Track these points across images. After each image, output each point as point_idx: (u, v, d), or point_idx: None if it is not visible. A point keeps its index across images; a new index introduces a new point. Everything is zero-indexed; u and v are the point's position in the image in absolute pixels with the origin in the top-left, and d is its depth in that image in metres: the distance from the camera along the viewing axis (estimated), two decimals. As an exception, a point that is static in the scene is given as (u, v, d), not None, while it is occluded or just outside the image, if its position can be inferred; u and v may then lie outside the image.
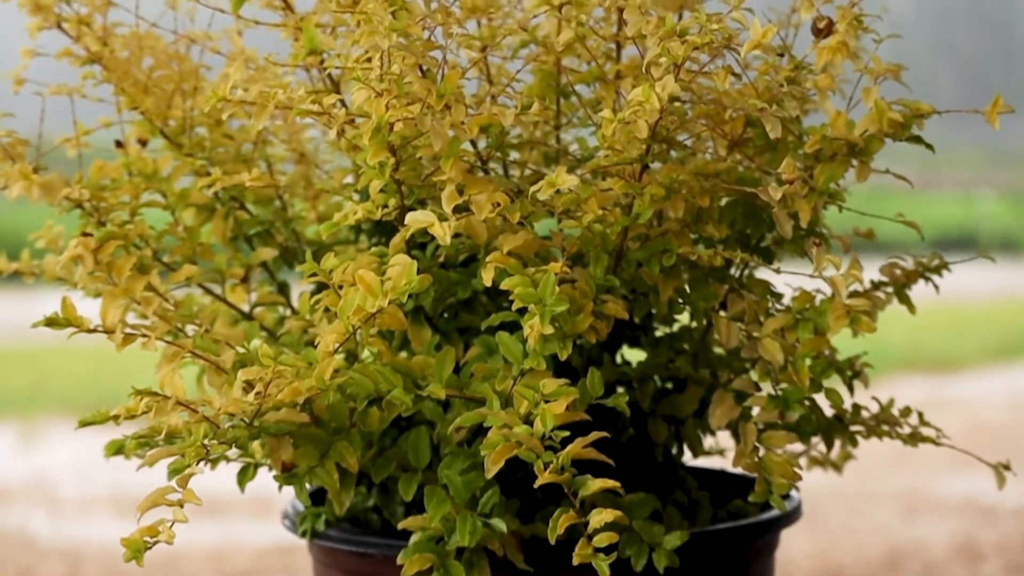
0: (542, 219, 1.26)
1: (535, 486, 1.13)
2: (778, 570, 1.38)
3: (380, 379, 1.21)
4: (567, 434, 1.14)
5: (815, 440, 1.41)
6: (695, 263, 1.28)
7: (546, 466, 1.13)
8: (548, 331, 1.16)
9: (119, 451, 1.26)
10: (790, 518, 1.32)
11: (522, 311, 1.18)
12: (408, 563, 1.20)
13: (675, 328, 1.38)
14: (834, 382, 1.32)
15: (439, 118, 1.19)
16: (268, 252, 1.40)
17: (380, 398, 1.22)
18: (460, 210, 1.21)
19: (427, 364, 1.24)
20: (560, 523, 1.14)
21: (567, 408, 1.16)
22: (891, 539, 2.67)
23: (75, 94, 1.37)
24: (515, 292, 1.17)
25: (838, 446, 1.40)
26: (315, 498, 1.36)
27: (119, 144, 1.39)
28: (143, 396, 1.16)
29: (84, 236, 1.27)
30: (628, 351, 1.39)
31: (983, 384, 4.34)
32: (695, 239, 1.30)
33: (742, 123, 1.28)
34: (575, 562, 1.13)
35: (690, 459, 1.41)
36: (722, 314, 1.30)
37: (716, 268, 1.29)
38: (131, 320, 1.30)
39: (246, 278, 1.39)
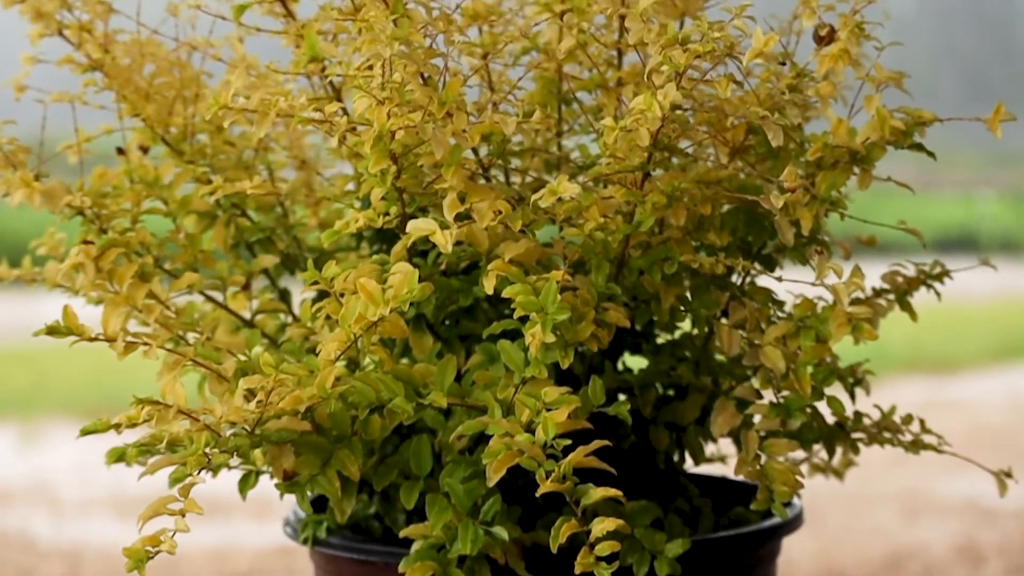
0: (543, 226, 1.26)
1: (537, 495, 1.13)
2: (779, 571, 1.38)
3: (382, 387, 1.21)
4: (569, 442, 1.14)
5: (817, 447, 1.41)
6: (697, 271, 1.28)
7: (548, 475, 1.13)
8: (550, 339, 1.16)
9: (120, 458, 1.26)
10: (792, 526, 1.32)
11: (524, 319, 1.18)
12: (410, 571, 1.20)
13: (677, 335, 1.37)
14: (836, 390, 1.32)
15: (441, 126, 1.19)
16: (269, 259, 1.39)
17: (382, 406, 1.22)
18: (462, 218, 1.21)
19: (429, 372, 1.24)
20: (562, 532, 1.14)
21: (569, 416, 1.16)
22: (892, 540, 2.67)
23: (76, 101, 1.37)
24: (517, 300, 1.17)
25: (840, 453, 1.40)
26: (316, 505, 1.36)
27: (120, 151, 1.39)
28: (144, 405, 1.16)
29: (85, 244, 1.27)
30: (629, 358, 1.39)
31: (983, 385, 4.34)
32: (697, 247, 1.30)
33: (744, 130, 1.28)
34: (577, 571, 1.13)
35: (691, 466, 1.41)
36: (724, 321, 1.30)
37: (718, 276, 1.29)
38: (132, 327, 1.30)
39: (247, 285, 1.39)
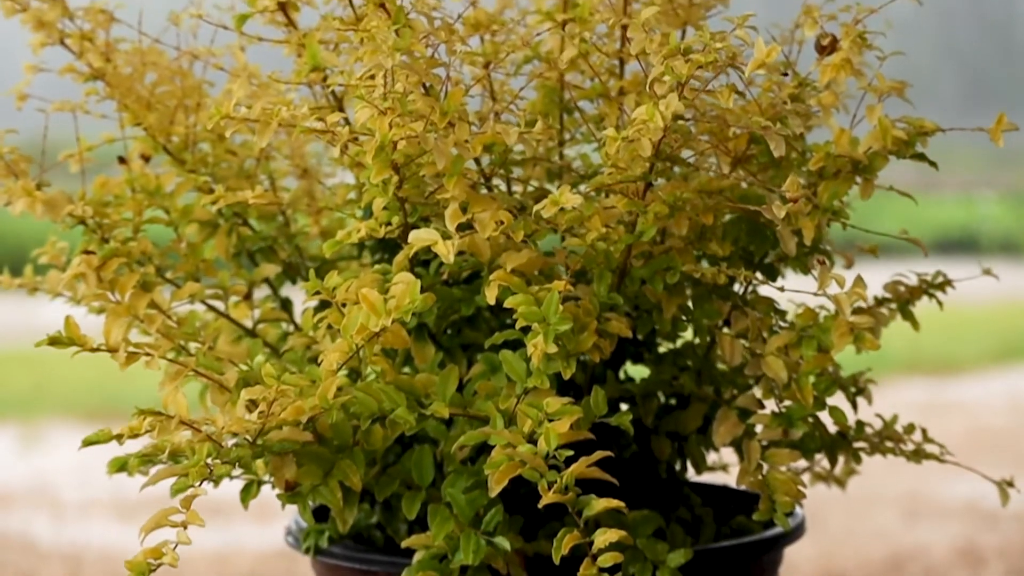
0: (546, 236, 1.26)
1: (539, 506, 1.13)
2: (780, 574, 1.38)
3: (384, 397, 1.21)
4: (571, 453, 1.14)
5: (818, 456, 1.41)
6: (699, 280, 1.28)
7: (550, 486, 1.13)
8: (552, 350, 1.16)
9: (122, 468, 1.26)
10: (794, 535, 1.32)
11: (525, 329, 1.18)
12: (412, 581, 1.20)
13: (678, 344, 1.37)
14: (838, 399, 1.32)
15: (443, 136, 1.19)
16: (271, 268, 1.39)
17: (384, 416, 1.22)
18: (464, 228, 1.21)
19: (430, 382, 1.24)
20: (565, 543, 1.13)
21: (571, 427, 1.16)
22: (892, 543, 2.67)
23: (78, 110, 1.37)
24: (519, 311, 1.17)
25: (841, 462, 1.40)
26: (318, 515, 1.36)
27: (122, 160, 1.39)
28: (146, 415, 1.16)
29: (87, 254, 1.27)
30: (631, 367, 1.39)
31: (984, 387, 4.34)
32: (699, 256, 1.30)
33: (746, 140, 1.28)
34: (579, 581, 1.13)
35: (693, 475, 1.41)
36: (726, 331, 1.30)
37: (720, 285, 1.29)
38: (134, 337, 1.30)
39: (249, 294, 1.39)
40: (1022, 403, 4.14)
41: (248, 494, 1.27)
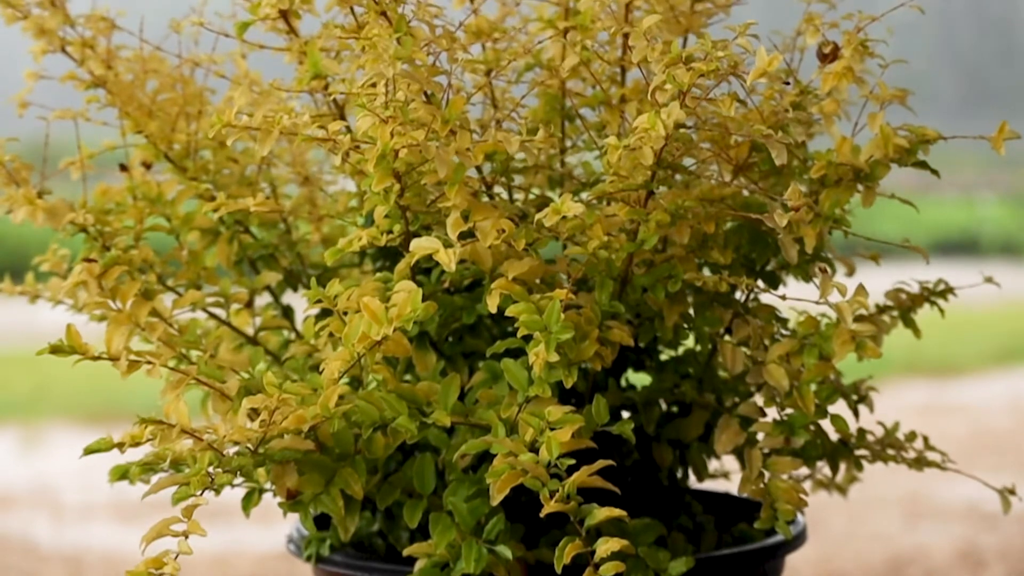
0: (547, 244, 1.25)
1: (541, 515, 1.13)
2: (781, 577, 1.38)
3: (385, 406, 1.21)
4: (573, 462, 1.14)
5: (820, 464, 1.41)
6: (700, 288, 1.28)
7: (552, 495, 1.13)
8: (553, 358, 1.16)
9: (123, 476, 1.26)
10: (795, 543, 1.32)
11: (527, 338, 1.18)
12: (414, 589, 1.20)
13: (680, 351, 1.37)
14: (839, 407, 1.32)
15: (444, 144, 1.19)
16: (272, 276, 1.39)
17: (385, 425, 1.22)
18: (465, 236, 1.21)
19: (432, 390, 1.24)
20: (566, 552, 1.13)
21: (573, 436, 1.15)
22: (893, 545, 2.67)
23: (79, 118, 1.37)
24: (520, 320, 1.17)
25: (843, 469, 1.40)
26: (320, 522, 1.36)
27: (124, 168, 1.39)
28: (148, 424, 1.16)
29: (88, 262, 1.27)
30: (633, 374, 1.39)
31: (984, 389, 4.34)
32: (700, 264, 1.30)
33: (747, 148, 1.28)
34: (581, 590, 1.13)
35: (694, 482, 1.41)
36: (727, 339, 1.30)
37: (721, 293, 1.29)
38: (135, 343, 1.30)
39: (250, 302, 1.39)
40: (1023, 405, 4.14)
41: (249, 502, 1.27)
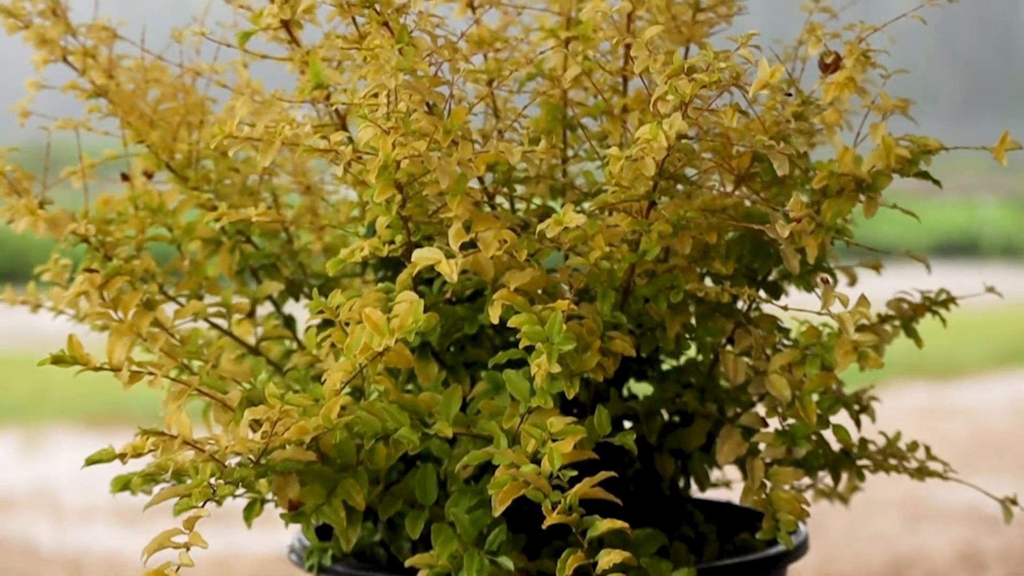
0: (549, 255, 1.25)
1: (543, 527, 1.13)
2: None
3: (387, 417, 1.21)
4: (575, 473, 1.14)
5: (822, 474, 1.40)
6: (702, 299, 1.28)
7: (554, 506, 1.13)
8: (555, 370, 1.16)
9: (125, 487, 1.26)
10: (797, 553, 1.32)
11: (529, 349, 1.18)
12: (416, 600, 1.20)
13: (682, 361, 1.37)
14: (841, 417, 1.32)
15: (446, 155, 1.18)
16: (274, 286, 1.39)
17: (387, 436, 1.22)
18: (467, 246, 1.21)
19: (434, 401, 1.24)
20: (569, 564, 1.13)
21: (575, 447, 1.15)
22: (894, 547, 2.67)
23: (81, 127, 1.37)
24: (522, 331, 1.17)
25: (845, 479, 1.40)
26: (322, 532, 1.36)
27: (125, 177, 1.39)
28: (149, 434, 1.16)
29: (89, 272, 1.27)
30: (634, 383, 1.39)
31: (985, 391, 4.34)
32: (702, 275, 1.30)
33: (749, 158, 1.28)
34: (584, 602, 1.13)
35: (696, 491, 1.41)
36: (729, 349, 1.29)
37: (723, 303, 1.29)
38: (137, 354, 1.30)
39: (252, 312, 1.39)
40: (1023, 407, 4.14)
41: (251, 512, 1.27)
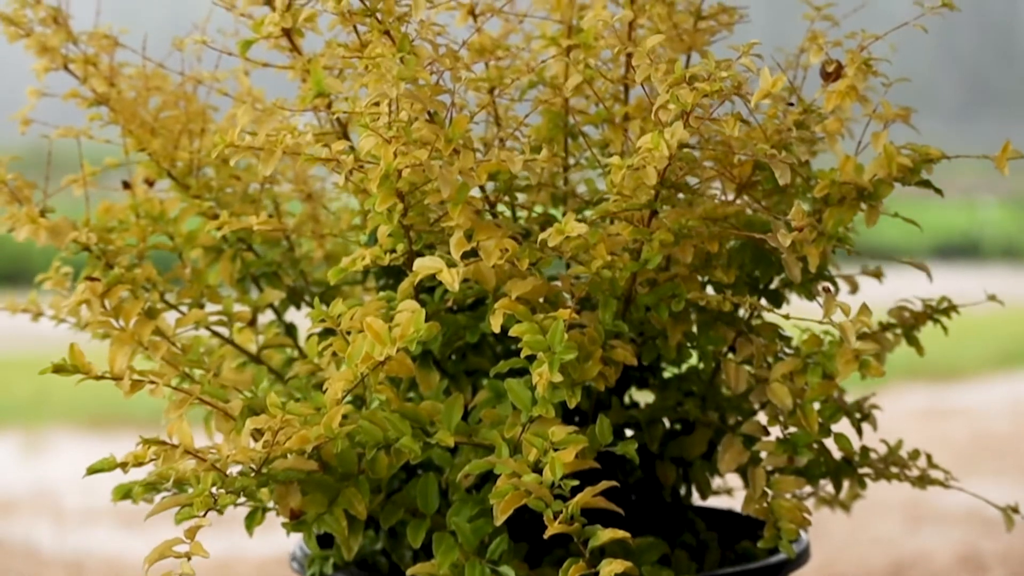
0: (551, 263, 1.25)
1: (545, 537, 1.13)
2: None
3: (389, 426, 1.21)
4: (576, 483, 1.14)
5: (823, 482, 1.40)
6: (704, 307, 1.28)
7: (555, 515, 1.13)
8: (557, 379, 1.16)
9: (127, 495, 1.26)
10: (799, 561, 1.32)
11: (531, 358, 1.18)
12: (417, 609, 1.20)
13: (683, 369, 1.37)
14: (842, 425, 1.32)
15: (447, 163, 1.18)
16: (276, 294, 1.39)
17: (389, 445, 1.22)
18: (468, 255, 1.20)
19: (435, 410, 1.24)
20: (570, 573, 1.13)
21: (576, 456, 1.15)
22: (895, 550, 2.67)
23: (82, 135, 1.37)
24: (524, 340, 1.17)
25: (846, 487, 1.40)
26: (323, 541, 1.36)
27: (126, 185, 1.39)
28: (151, 444, 1.16)
29: (91, 280, 1.27)
30: (636, 391, 1.39)
31: (986, 393, 4.34)
32: (704, 283, 1.30)
33: (750, 167, 1.27)
34: (585, 611, 1.13)
35: (697, 499, 1.41)
36: (731, 357, 1.29)
37: (725, 312, 1.29)
38: (139, 362, 1.29)
39: (253, 320, 1.39)
40: (1024, 409, 4.14)
41: (253, 521, 1.27)
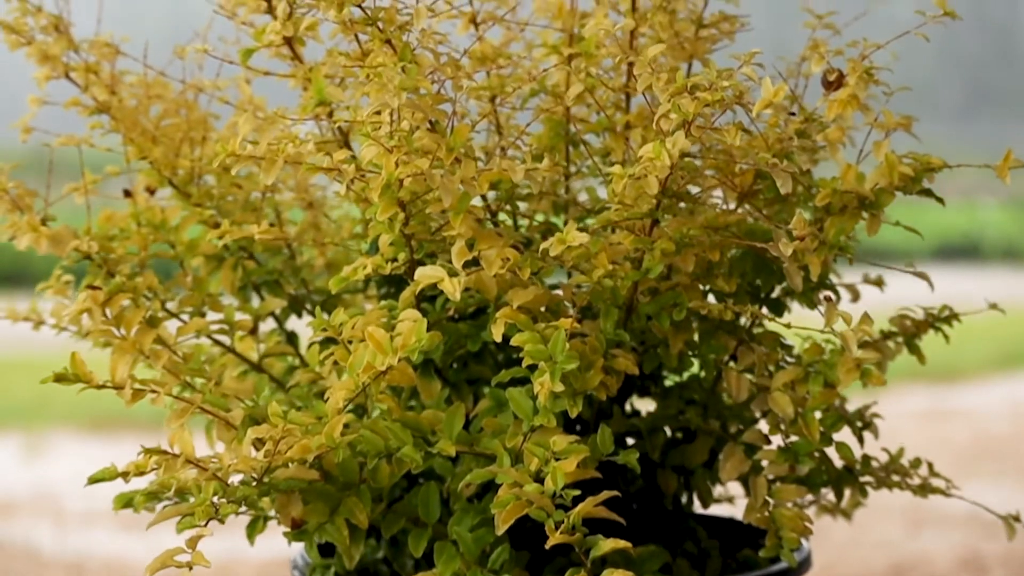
0: (552, 272, 1.25)
1: (546, 547, 1.13)
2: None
3: (390, 436, 1.21)
4: (578, 492, 1.14)
5: (825, 490, 1.40)
6: (705, 316, 1.28)
7: (557, 525, 1.13)
8: (558, 388, 1.16)
9: (128, 504, 1.26)
10: (800, 569, 1.32)
11: (532, 367, 1.18)
12: (419, 619, 1.20)
13: (685, 377, 1.37)
14: (844, 434, 1.32)
15: (449, 173, 1.18)
16: (277, 302, 1.39)
17: (390, 454, 1.21)
18: (470, 264, 1.20)
19: (437, 419, 1.24)
20: (571, 583, 1.13)
21: (578, 465, 1.15)
22: (896, 552, 2.67)
23: (83, 144, 1.37)
24: (525, 349, 1.17)
25: (847, 495, 1.40)
26: (325, 550, 1.36)
27: (127, 193, 1.39)
28: (152, 453, 1.16)
29: (92, 289, 1.27)
30: (637, 400, 1.39)
31: (986, 394, 4.34)
32: (705, 292, 1.30)
33: (752, 176, 1.27)
34: (587, 621, 1.13)
35: (699, 507, 1.41)
36: (732, 366, 1.29)
37: (726, 321, 1.29)
38: (140, 370, 1.29)
39: (255, 328, 1.39)
40: (1024, 410, 4.14)
41: (254, 530, 1.27)
